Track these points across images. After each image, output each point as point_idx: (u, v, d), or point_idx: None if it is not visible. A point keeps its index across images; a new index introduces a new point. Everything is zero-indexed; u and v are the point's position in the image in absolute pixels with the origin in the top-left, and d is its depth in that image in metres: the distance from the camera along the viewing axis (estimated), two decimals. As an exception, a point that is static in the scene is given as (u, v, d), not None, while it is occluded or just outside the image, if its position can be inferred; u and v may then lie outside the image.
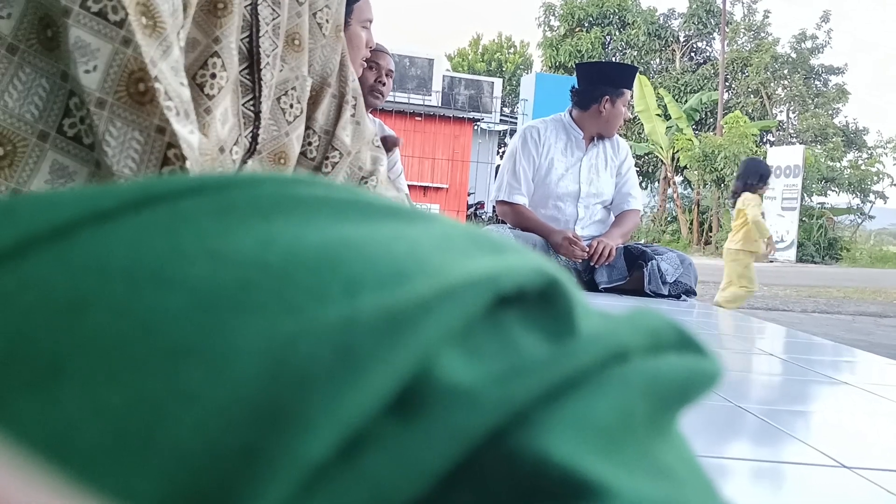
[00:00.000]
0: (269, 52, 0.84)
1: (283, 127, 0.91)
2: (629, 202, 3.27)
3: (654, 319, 0.23)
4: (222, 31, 0.75)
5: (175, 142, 0.63)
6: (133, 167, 0.62)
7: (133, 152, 0.62)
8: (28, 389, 0.16)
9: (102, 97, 0.61)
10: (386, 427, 0.17)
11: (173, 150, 0.63)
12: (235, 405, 0.16)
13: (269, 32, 0.83)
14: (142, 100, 0.62)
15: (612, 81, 3.20)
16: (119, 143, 0.62)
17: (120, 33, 0.60)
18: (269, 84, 0.84)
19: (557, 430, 0.18)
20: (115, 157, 0.62)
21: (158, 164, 0.63)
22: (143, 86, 0.61)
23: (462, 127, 17.85)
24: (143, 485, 0.15)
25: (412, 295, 0.19)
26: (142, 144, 0.62)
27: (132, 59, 0.61)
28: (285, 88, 0.90)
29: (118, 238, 0.19)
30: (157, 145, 0.63)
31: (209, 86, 0.75)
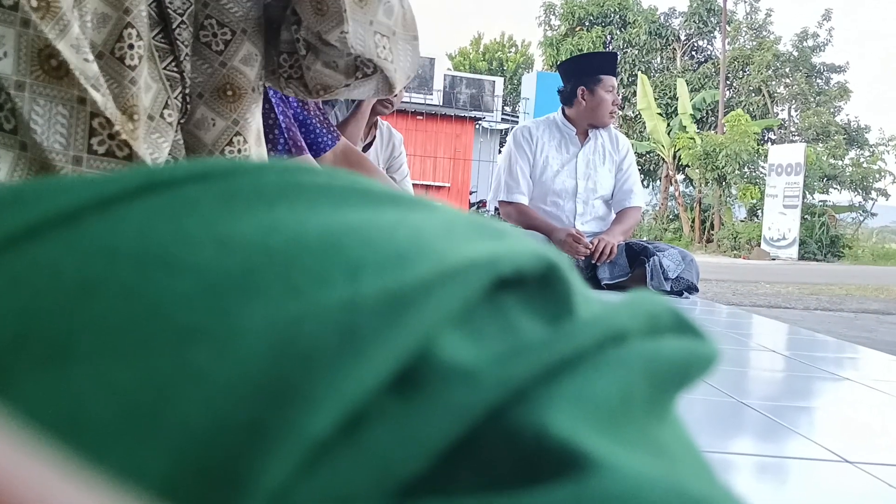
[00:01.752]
0: (183, 10, 0.82)
1: (215, 59, 0.87)
2: (631, 199, 3.27)
3: (651, 303, 0.23)
4: (131, 2, 0.75)
5: (97, 110, 0.64)
6: (62, 141, 0.63)
7: (60, 127, 0.63)
8: (39, 369, 0.17)
9: (20, 80, 0.62)
10: (388, 405, 0.18)
11: (97, 118, 0.64)
12: (241, 383, 0.17)
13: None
14: (58, 74, 0.63)
15: (585, 72, 3.22)
16: (45, 120, 0.63)
17: (17, 16, 0.61)
18: (188, 43, 0.83)
19: (556, 406, 0.19)
20: (44, 133, 0.63)
21: (86, 135, 0.64)
22: (55, 61, 0.62)
23: (463, 126, 17.85)
24: (152, 460, 0.16)
25: (413, 277, 0.19)
26: (67, 118, 0.63)
27: (35, 37, 0.62)
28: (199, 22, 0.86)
29: (125, 223, 0.19)
30: (82, 116, 0.64)
31: (129, 57, 0.75)
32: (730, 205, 18.66)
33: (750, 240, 16.88)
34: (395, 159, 3.02)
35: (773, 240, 16.10)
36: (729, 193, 18.39)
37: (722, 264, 12.61)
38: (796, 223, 15.70)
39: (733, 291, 6.70)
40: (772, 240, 16.15)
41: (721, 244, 17.71)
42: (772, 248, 16.06)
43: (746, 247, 16.76)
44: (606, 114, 3.23)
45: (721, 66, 20.37)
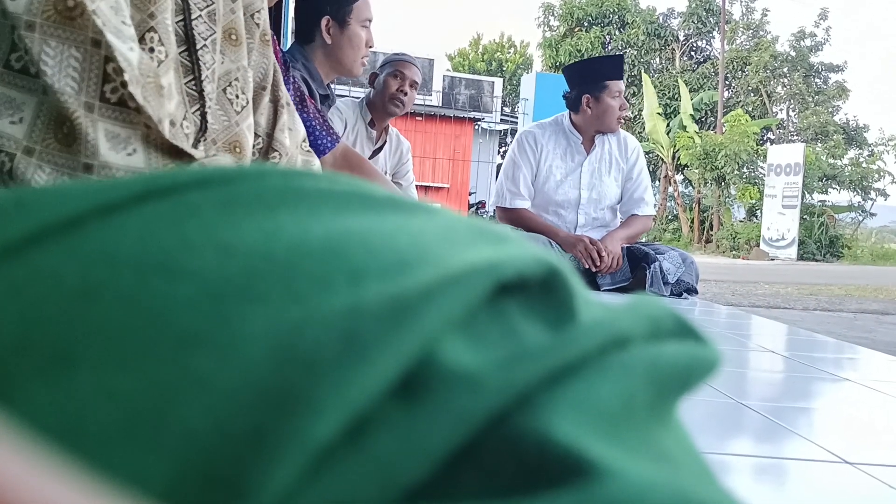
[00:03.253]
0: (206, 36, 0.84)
1: (233, 117, 0.92)
2: (641, 207, 3.17)
3: (653, 308, 0.23)
4: (156, 7, 0.76)
5: (111, 54, 0.63)
6: (74, 85, 0.63)
7: (72, 70, 0.63)
8: (41, 376, 0.17)
9: (30, 20, 0.61)
10: (391, 411, 0.18)
11: (111, 64, 0.64)
12: (244, 389, 0.17)
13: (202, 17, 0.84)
14: (71, 14, 0.62)
15: (590, 79, 3.13)
16: (56, 62, 0.62)
17: None
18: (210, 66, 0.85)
19: (559, 412, 0.19)
20: (55, 76, 0.62)
21: (99, 80, 0.64)
22: (72, 1, 0.62)
23: (463, 127, 17.85)
24: (155, 467, 0.16)
25: (415, 283, 0.19)
26: (80, 61, 0.63)
27: None
28: (229, 80, 0.91)
29: (126, 229, 0.19)
30: (95, 60, 0.63)
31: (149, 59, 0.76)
32: (729, 205, 18.65)
33: (749, 240, 16.88)
34: (402, 166, 3.02)
35: (772, 240, 16.10)
36: (728, 194, 18.38)
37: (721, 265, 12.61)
38: (795, 223, 15.70)
39: (732, 292, 6.70)
40: (771, 240, 16.15)
41: (720, 244, 17.70)
42: (771, 248, 16.06)
43: (745, 247, 16.75)
44: (614, 120, 3.13)
45: (720, 66, 20.38)
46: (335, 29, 2.06)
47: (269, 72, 1.02)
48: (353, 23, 2.07)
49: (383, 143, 2.88)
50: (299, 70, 1.98)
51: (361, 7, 2.09)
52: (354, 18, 2.07)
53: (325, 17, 2.05)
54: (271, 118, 1.04)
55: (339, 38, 2.07)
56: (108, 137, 0.64)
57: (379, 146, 2.85)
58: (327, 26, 2.05)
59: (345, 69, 2.12)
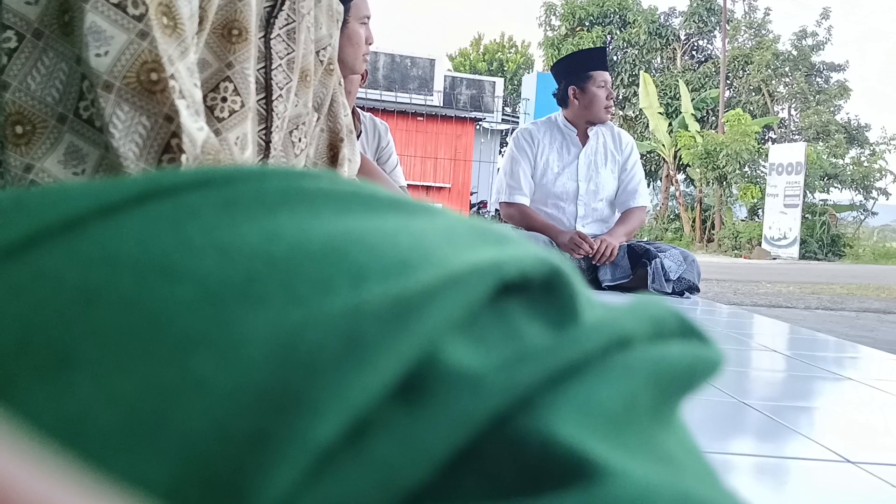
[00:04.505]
0: (283, 85, 0.85)
1: (292, 159, 0.93)
2: (635, 199, 3.24)
3: (656, 308, 0.23)
4: (235, 57, 0.76)
5: (179, 133, 0.64)
6: (136, 151, 0.63)
7: (138, 136, 0.63)
8: (41, 378, 0.17)
9: (109, 80, 0.62)
10: (392, 413, 0.18)
11: (176, 139, 0.65)
12: (244, 391, 0.16)
13: (282, 66, 0.85)
14: (153, 88, 0.63)
15: (573, 71, 3.19)
16: (125, 126, 0.63)
17: (138, 26, 0.62)
18: (282, 116, 0.86)
19: (561, 413, 0.18)
20: (121, 139, 0.63)
21: (161, 150, 0.64)
22: (156, 76, 0.63)
23: (464, 127, 17.85)
24: (155, 469, 0.16)
25: (417, 284, 0.19)
26: (147, 130, 0.63)
27: (147, 50, 0.62)
28: (297, 123, 0.92)
29: (126, 231, 0.19)
30: (163, 132, 0.64)
31: (219, 109, 0.76)
32: (730, 204, 18.63)
33: (751, 239, 16.87)
34: (384, 150, 2.97)
35: (774, 239, 16.09)
36: (730, 193, 18.36)
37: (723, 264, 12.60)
38: (797, 222, 15.68)
39: (734, 291, 6.70)
40: (772, 239, 16.13)
41: (722, 244, 17.69)
42: (773, 247, 16.05)
43: (747, 246, 16.74)
44: (601, 109, 3.19)
45: (721, 65, 20.36)
46: None
47: (327, 101, 1.02)
48: (352, 21, 2.07)
49: (357, 132, 2.85)
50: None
51: (359, 4, 2.08)
52: (353, 16, 2.07)
53: None
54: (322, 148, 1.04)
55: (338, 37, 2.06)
56: None
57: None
58: None
59: (347, 67, 2.12)
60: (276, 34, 0.85)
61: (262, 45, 0.82)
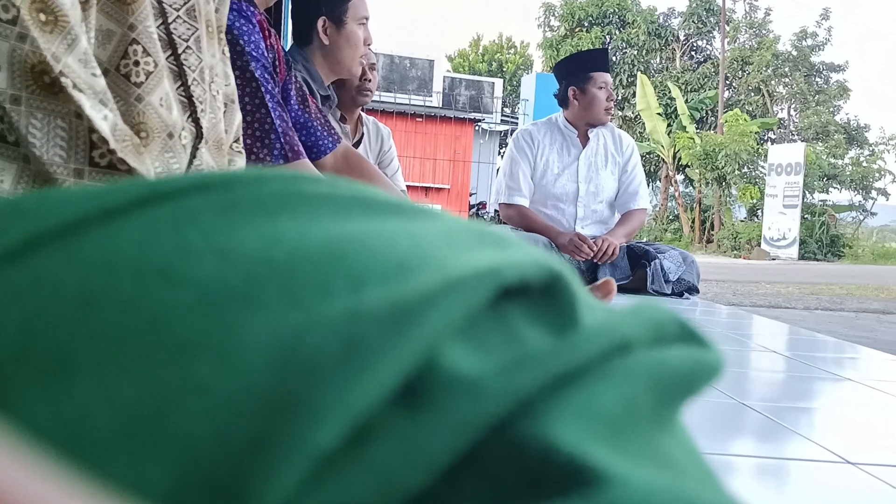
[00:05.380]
0: (188, 37, 0.84)
1: (217, 113, 0.91)
2: (635, 201, 3.24)
3: (656, 312, 0.23)
4: (136, 18, 0.75)
5: (93, 126, 0.64)
6: (63, 154, 0.63)
7: (60, 140, 0.63)
8: (41, 383, 0.17)
9: (16, 94, 0.62)
10: (393, 417, 0.18)
11: (96, 133, 0.64)
12: (244, 396, 0.16)
13: (181, 17, 0.83)
14: (52, 90, 0.63)
15: (575, 72, 3.19)
16: (44, 133, 0.63)
17: (15, 30, 0.61)
18: (196, 67, 0.84)
19: (562, 419, 0.18)
20: (43, 147, 0.62)
21: (87, 148, 0.64)
22: (48, 77, 0.62)
23: (463, 127, 17.86)
24: (155, 474, 0.16)
25: (416, 288, 0.19)
26: (66, 131, 0.63)
27: (31, 53, 0.61)
28: (212, 76, 0.90)
29: (126, 235, 0.19)
30: (81, 130, 0.64)
31: (135, 74, 0.75)
32: (730, 205, 18.64)
33: (750, 240, 16.87)
34: (386, 154, 2.98)
35: (773, 240, 16.10)
36: (729, 193, 18.37)
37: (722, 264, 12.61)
38: (796, 223, 15.69)
39: (733, 292, 6.70)
40: (772, 240, 16.14)
41: (721, 244, 17.69)
42: (772, 247, 16.05)
43: (746, 247, 16.74)
44: (601, 111, 3.19)
45: (720, 65, 20.37)
46: (332, 29, 2.05)
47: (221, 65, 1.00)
48: (350, 22, 2.06)
49: (361, 135, 2.85)
50: (300, 71, 1.98)
51: (357, 5, 2.08)
52: (351, 17, 2.07)
53: (322, 18, 2.04)
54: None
55: (336, 38, 2.06)
56: None
57: (356, 140, 2.82)
58: (324, 27, 2.05)
59: (344, 69, 2.12)
60: None
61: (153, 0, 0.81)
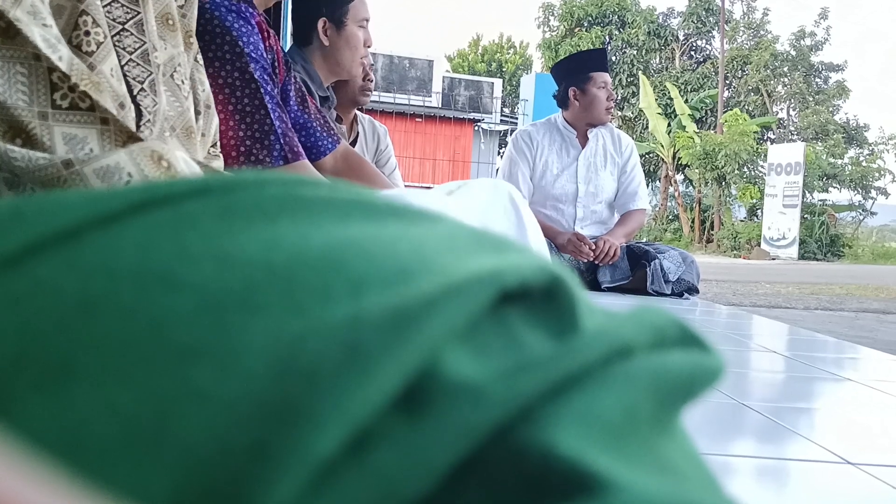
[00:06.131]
0: (125, 19, 0.85)
1: (184, 102, 0.93)
2: (635, 202, 3.24)
3: (657, 316, 0.23)
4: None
5: (53, 65, 0.66)
6: (25, 98, 0.65)
7: (21, 84, 0.65)
8: (40, 390, 0.16)
9: None
10: (393, 423, 0.18)
11: (56, 73, 0.66)
12: (244, 402, 0.16)
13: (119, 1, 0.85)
14: (8, 34, 0.65)
15: (573, 72, 3.20)
16: (5, 79, 0.65)
17: None
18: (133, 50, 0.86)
19: (563, 424, 0.18)
20: (6, 93, 0.65)
21: (48, 90, 0.66)
22: (3, 22, 0.64)
23: (462, 128, 17.87)
24: (155, 481, 0.16)
25: (417, 293, 0.19)
26: (26, 75, 0.65)
27: None
28: (174, 66, 0.92)
29: (125, 240, 0.19)
30: (41, 72, 0.66)
31: (86, 43, 0.78)
32: (729, 205, 18.63)
33: (750, 240, 16.87)
34: (383, 153, 2.98)
35: (773, 239, 16.09)
36: (728, 193, 18.37)
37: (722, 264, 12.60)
38: (796, 223, 15.69)
39: (733, 292, 6.70)
40: (772, 239, 16.14)
41: (721, 244, 17.69)
42: (772, 247, 16.05)
43: (746, 247, 16.74)
44: (602, 111, 3.20)
45: (720, 65, 20.37)
46: (332, 30, 2.05)
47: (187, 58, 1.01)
48: (350, 23, 2.06)
49: (356, 134, 2.85)
50: (298, 72, 1.98)
51: (358, 7, 2.08)
52: (351, 19, 2.07)
53: (322, 19, 2.04)
54: None
55: (336, 39, 2.06)
56: (66, 140, 0.67)
57: (352, 139, 2.82)
58: (324, 28, 2.05)
59: (343, 70, 2.12)
60: None
61: None
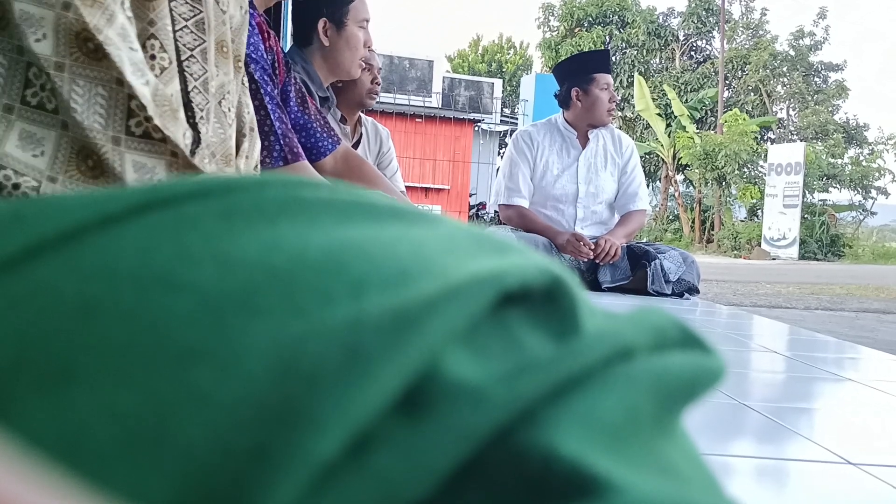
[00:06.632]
0: (193, 46, 0.85)
1: (227, 130, 0.93)
2: (635, 202, 3.25)
3: (658, 318, 0.23)
4: (156, 14, 0.78)
5: (133, 93, 0.66)
6: (101, 121, 0.65)
7: (99, 107, 0.65)
8: (40, 393, 0.16)
9: (60, 61, 0.64)
10: (394, 426, 0.17)
11: (135, 101, 0.67)
12: (245, 405, 0.16)
13: (189, 27, 0.85)
14: (96, 56, 0.65)
15: (577, 73, 3.20)
16: (85, 100, 0.65)
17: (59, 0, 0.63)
18: (199, 77, 0.86)
19: (564, 426, 0.18)
20: (84, 113, 0.65)
21: (125, 115, 0.66)
22: (92, 44, 0.64)
23: (462, 128, 17.86)
24: (156, 484, 0.16)
25: (417, 295, 0.19)
26: (106, 99, 0.66)
27: (74, 20, 0.64)
28: (223, 93, 0.92)
29: (125, 242, 0.19)
30: (120, 97, 0.66)
31: (150, 67, 0.77)
32: (730, 205, 18.63)
33: (750, 240, 16.87)
34: (385, 155, 2.99)
35: (774, 239, 16.09)
36: (729, 193, 18.36)
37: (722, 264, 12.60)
38: (796, 223, 15.68)
39: (734, 292, 6.69)
40: (772, 239, 16.13)
41: (721, 244, 17.68)
42: (772, 247, 16.05)
43: (747, 247, 16.74)
44: (604, 112, 3.20)
45: (720, 65, 20.36)
46: (332, 31, 2.05)
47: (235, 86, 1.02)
48: (351, 24, 2.06)
49: (359, 136, 2.86)
50: (298, 72, 1.98)
51: (358, 7, 2.08)
52: (351, 19, 2.07)
53: (322, 20, 2.04)
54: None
55: (336, 39, 2.06)
56: (135, 168, 0.68)
57: (355, 141, 2.82)
58: (324, 28, 2.05)
59: (343, 71, 2.12)
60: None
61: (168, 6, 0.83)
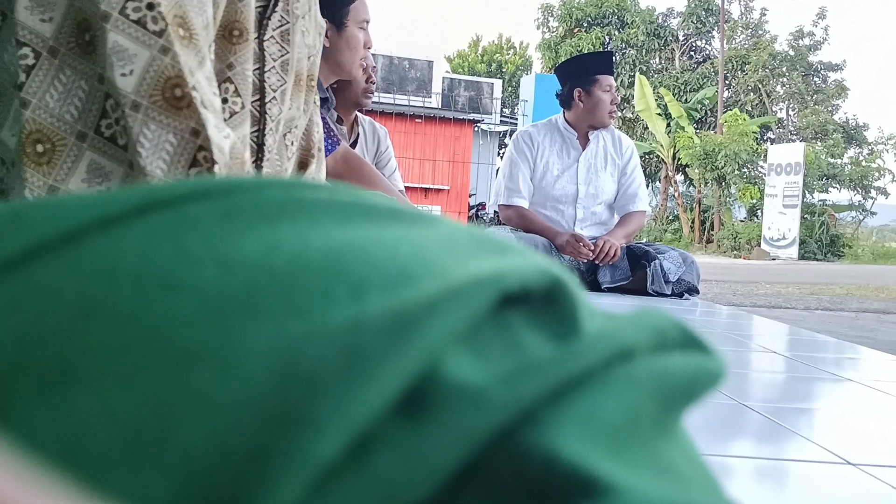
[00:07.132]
0: (277, 87, 0.86)
1: (285, 163, 0.93)
2: (635, 203, 3.25)
3: (658, 319, 0.23)
4: (236, 58, 0.77)
5: (207, 145, 0.65)
6: (164, 168, 0.64)
7: (165, 154, 0.64)
8: (40, 394, 0.16)
9: (137, 100, 0.63)
10: (394, 427, 0.17)
11: (203, 152, 0.66)
12: (245, 407, 0.16)
13: (276, 68, 0.85)
14: (178, 104, 0.64)
15: (580, 74, 3.21)
16: (153, 144, 0.64)
17: (159, 42, 0.62)
18: (276, 118, 0.86)
19: (565, 428, 0.18)
20: (148, 157, 0.64)
21: (188, 165, 0.65)
22: (180, 91, 0.63)
23: (462, 128, 17.86)
24: (156, 486, 0.16)
25: (418, 296, 0.19)
26: (174, 146, 0.64)
27: (170, 66, 0.63)
28: (290, 126, 0.92)
29: (125, 243, 0.19)
30: (189, 147, 0.65)
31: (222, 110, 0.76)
32: (729, 205, 18.62)
33: (750, 240, 16.87)
34: (383, 154, 2.98)
35: (773, 240, 16.09)
36: (728, 193, 18.36)
37: (722, 265, 12.60)
38: (796, 223, 15.68)
39: (733, 292, 6.69)
40: (772, 240, 16.14)
41: (721, 244, 17.68)
42: (772, 248, 16.05)
43: (746, 247, 16.74)
44: (605, 114, 3.21)
45: (719, 65, 20.37)
46: (332, 32, 2.05)
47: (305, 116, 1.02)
48: (351, 25, 2.06)
49: (357, 135, 2.85)
50: (299, 73, 1.98)
51: (358, 8, 2.08)
52: (351, 20, 2.07)
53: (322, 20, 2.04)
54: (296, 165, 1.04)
55: (336, 40, 2.06)
56: None
57: (353, 140, 2.82)
58: (325, 29, 2.05)
59: (344, 72, 2.12)
60: (269, 35, 0.85)
61: (256, 46, 0.83)
